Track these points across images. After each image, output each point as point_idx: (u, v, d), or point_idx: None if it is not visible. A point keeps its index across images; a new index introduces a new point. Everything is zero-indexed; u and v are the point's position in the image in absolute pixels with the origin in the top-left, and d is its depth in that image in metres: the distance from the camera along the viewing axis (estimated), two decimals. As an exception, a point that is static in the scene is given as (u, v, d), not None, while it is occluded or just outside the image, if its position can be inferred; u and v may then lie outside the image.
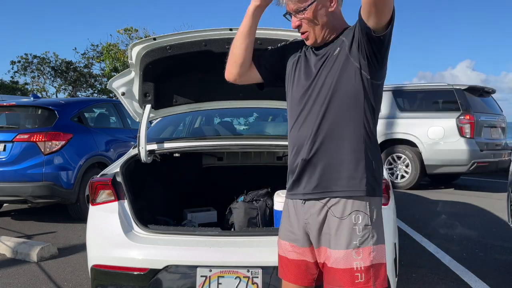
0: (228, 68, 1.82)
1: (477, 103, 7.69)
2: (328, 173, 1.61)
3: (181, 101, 2.90)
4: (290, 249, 1.75)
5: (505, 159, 7.77)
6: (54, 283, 3.45)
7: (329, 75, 1.59)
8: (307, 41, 1.67)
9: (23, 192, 5.04)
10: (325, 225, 1.64)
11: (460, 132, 7.21)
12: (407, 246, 4.28)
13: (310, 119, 1.61)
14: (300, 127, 1.64)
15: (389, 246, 2.23)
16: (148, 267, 2.18)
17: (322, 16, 1.60)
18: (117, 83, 2.76)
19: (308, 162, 1.62)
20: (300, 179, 1.67)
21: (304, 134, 1.63)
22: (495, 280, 3.40)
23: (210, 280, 2.10)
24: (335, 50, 1.61)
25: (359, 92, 1.58)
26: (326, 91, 1.59)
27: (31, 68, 25.60)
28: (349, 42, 1.57)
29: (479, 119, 7.40)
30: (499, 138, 8.00)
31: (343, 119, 1.58)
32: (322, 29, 1.62)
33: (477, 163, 7.19)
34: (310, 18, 1.60)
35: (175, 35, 2.47)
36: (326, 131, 1.59)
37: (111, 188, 2.43)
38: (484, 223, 5.35)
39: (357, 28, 1.54)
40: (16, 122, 5.53)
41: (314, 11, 1.59)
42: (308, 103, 1.63)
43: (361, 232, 1.58)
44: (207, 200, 3.58)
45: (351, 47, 1.56)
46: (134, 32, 20.19)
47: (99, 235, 2.38)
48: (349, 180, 1.59)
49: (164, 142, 2.92)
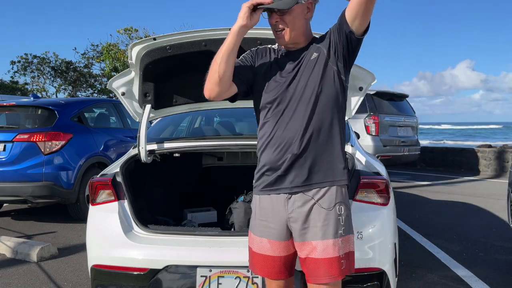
0: (209, 86, 1.82)
1: (385, 106, 8.91)
2: (317, 165, 1.75)
3: (181, 101, 2.90)
4: (268, 246, 1.80)
5: (408, 154, 9.14)
6: (54, 283, 3.45)
7: (311, 78, 1.73)
8: (279, 40, 1.78)
9: (23, 192, 5.04)
10: (310, 218, 1.74)
11: (367, 130, 8.37)
12: (407, 246, 4.28)
13: (297, 118, 1.73)
14: (286, 126, 1.74)
15: (389, 246, 2.23)
16: (148, 267, 2.18)
17: (299, 20, 1.74)
18: (117, 83, 2.76)
19: (298, 156, 1.73)
20: (287, 174, 1.75)
21: (291, 132, 1.73)
22: (495, 280, 3.40)
23: (210, 280, 2.10)
24: (311, 55, 1.76)
25: (338, 93, 1.76)
26: (310, 93, 1.73)
27: (31, 68, 25.56)
28: (327, 48, 1.74)
29: (383, 119, 8.57)
30: (407, 136, 9.20)
31: (328, 117, 1.75)
32: (296, 31, 1.75)
33: (380, 156, 8.13)
34: (290, 19, 1.72)
35: (175, 35, 2.47)
36: (313, 128, 1.73)
37: (111, 188, 2.43)
38: (484, 223, 5.35)
39: (334, 32, 1.73)
40: (16, 122, 5.53)
41: (294, 14, 1.72)
42: (291, 104, 1.75)
43: (343, 222, 1.74)
44: (207, 200, 3.58)
45: (329, 52, 1.74)
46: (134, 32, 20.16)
47: (99, 235, 2.38)
48: (336, 170, 1.76)
49: (164, 142, 2.92)
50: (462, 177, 9.90)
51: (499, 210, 5.96)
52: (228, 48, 1.76)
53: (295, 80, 1.76)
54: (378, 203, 2.24)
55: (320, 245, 1.70)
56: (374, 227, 2.17)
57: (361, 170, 2.32)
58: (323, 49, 1.74)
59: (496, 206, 6.29)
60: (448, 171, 11.10)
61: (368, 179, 2.27)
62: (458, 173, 10.57)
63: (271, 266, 1.81)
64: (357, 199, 2.23)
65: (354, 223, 2.13)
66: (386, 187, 2.28)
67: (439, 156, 11.90)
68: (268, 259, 1.81)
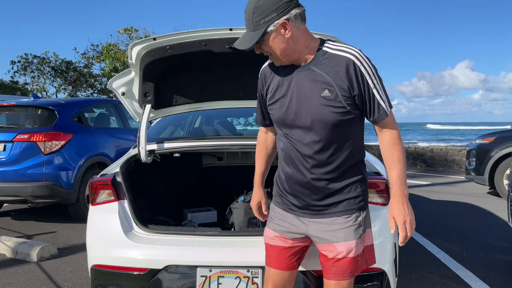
0: None
1: None
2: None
3: (181, 101, 2.90)
4: (278, 235, 1.86)
5: None
6: (54, 283, 3.45)
7: (319, 109, 1.63)
8: (276, 62, 1.70)
9: (23, 192, 5.04)
10: (331, 224, 1.76)
11: None
12: (407, 246, 4.28)
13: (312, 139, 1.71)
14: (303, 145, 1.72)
15: (389, 246, 2.23)
16: (148, 267, 2.17)
17: (280, 43, 1.61)
18: (117, 83, 2.76)
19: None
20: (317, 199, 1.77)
21: (312, 152, 1.70)
22: (495, 280, 3.40)
23: (210, 280, 2.09)
24: (322, 90, 1.62)
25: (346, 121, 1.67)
26: (318, 120, 1.65)
27: (31, 68, 25.53)
28: (341, 93, 1.60)
29: None
30: None
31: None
32: (284, 53, 1.63)
33: None
34: (268, 48, 1.63)
35: (175, 35, 2.47)
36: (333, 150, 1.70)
37: (111, 188, 2.43)
38: (484, 223, 5.35)
39: (361, 99, 1.62)
40: (16, 122, 5.53)
41: (270, 42, 1.61)
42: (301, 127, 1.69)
43: (363, 222, 1.78)
44: (207, 200, 3.58)
45: (341, 95, 1.61)
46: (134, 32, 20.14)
47: (99, 235, 2.38)
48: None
49: (164, 142, 2.92)
50: (462, 177, 9.89)
51: (499, 210, 5.96)
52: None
53: (304, 106, 1.67)
54: (378, 203, 2.24)
55: (343, 247, 1.73)
56: (374, 227, 2.16)
57: None
58: (337, 90, 1.61)
59: (496, 206, 6.29)
60: (448, 171, 11.11)
61: (368, 179, 2.26)
62: (458, 173, 10.57)
63: (280, 257, 1.86)
64: None
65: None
66: (386, 187, 2.28)
67: (439, 156, 11.91)
68: (279, 249, 1.86)
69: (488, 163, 6.78)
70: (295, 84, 1.68)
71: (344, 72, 1.59)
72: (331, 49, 1.65)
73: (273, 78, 1.76)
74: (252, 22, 1.58)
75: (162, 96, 2.82)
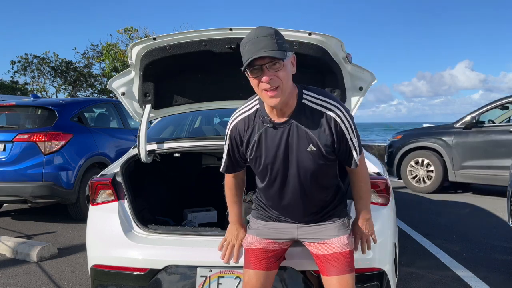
0: None
1: None
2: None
3: (181, 101, 2.90)
4: (261, 239, 1.96)
5: None
6: (54, 283, 3.45)
7: (304, 161, 1.75)
8: (272, 99, 1.61)
9: (23, 192, 5.04)
10: (321, 227, 1.92)
11: None
12: (407, 246, 4.28)
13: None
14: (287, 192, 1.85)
15: (389, 246, 2.23)
16: (148, 267, 2.17)
17: (288, 73, 1.62)
18: (117, 83, 2.76)
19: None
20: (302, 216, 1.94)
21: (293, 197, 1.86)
22: (495, 280, 3.40)
23: (210, 280, 2.09)
24: (307, 145, 1.71)
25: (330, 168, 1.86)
26: (307, 170, 1.78)
27: (31, 68, 25.55)
28: (323, 147, 1.72)
29: None
30: None
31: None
32: (286, 88, 1.62)
33: None
34: (284, 74, 1.59)
35: (175, 35, 2.47)
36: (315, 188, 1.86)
37: (111, 188, 2.42)
38: (484, 223, 5.35)
39: (338, 152, 1.77)
40: (16, 122, 5.53)
41: (285, 66, 1.59)
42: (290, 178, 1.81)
43: (348, 225, 1.97)
44: (207, 200, 3.58)
45: (323, 149, 1.72)
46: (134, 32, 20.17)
47: (99, 235, 2.38)
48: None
49: (164, 142, 2.92)
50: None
51: (499, 210, 5.96)
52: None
53: (293, 157, 1.77)
54: (378, 203, 2.24)
55: (337, 241, 1.86)
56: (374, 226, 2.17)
57: None
58: (320, 146, 1.71)
59: (496, 206, 6.29)
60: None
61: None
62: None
63: (260, 257, 1.92)
64: None
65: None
66: (386, 187, 2.28)
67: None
68: (260, 251, 1.93)
69: (396, 157, 7.85)
70: (280, 140, 1.73)
71: (328, 129, 1.70)
72: (312, 102, 1.71)
73: (251, 132, 1.78)
74: (276, 42, 1.56)
75: (162, 96, 2.82)
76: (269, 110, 1.73)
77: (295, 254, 2.03)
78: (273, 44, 1.55)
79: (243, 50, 1.59)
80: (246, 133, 1.78)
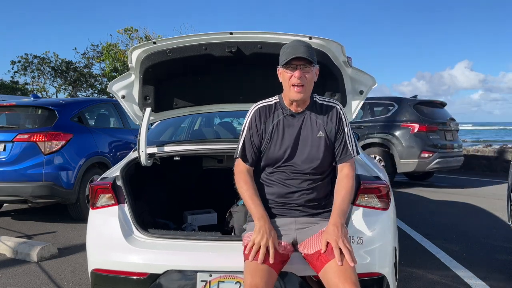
0: None
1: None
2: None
3: (181, 104, 2.89)
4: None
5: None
6: (54, 283, 3.46)
7: (314, 146, 2.06)
8: (296, 94, 1.99)
9: (23, 192, 5.04)
10: (315, 223, 2.07)
11: None
12: (407, 246, 4.29)
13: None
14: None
15: (390, 250, 2.22)
16: (148, 272, 2.17)
17: (313, 78, 2.03)
18: (117, 86, 2.76)
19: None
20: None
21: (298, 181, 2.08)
22: (495, 280, 3.40)
23: (210, 285, 2.09)
24: (317, 131, 2.07)
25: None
26: (314, 155, 2.07)
27: (31, 68, 25.49)
28: (329, 135, 2.08)
29: None
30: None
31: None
32: (309, 89, 2.02)
33: None
34: (310, 77, 1.99)
35: (175, 39, 2.46)
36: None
37: (111, 192, 2.42)
38: (484, 223, 5.35)
39: (336, 141, 2.10)
40: (16, 122, 5.53)
41: (312, 73, 2.01)
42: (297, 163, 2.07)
43: None
44: (207, 202, 3.58)
45: (329, 137, 2.08)
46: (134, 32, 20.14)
47: (99, 239, 2.38)
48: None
49: (164, 145, 2.91)
50: (462, 177, 9.91)
51: (499, 210, 5.96)
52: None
53: (302, 143, 2.08)
54: (378, 208, 2.23)
55: (331, 226, 1.89)
56: (374, 231, 2.16)
57: (361, 175, 2.29)
58: (327, 132, 2.07)
59: (496, 206, 6.30)
60: (447, 172, 11.10)
61: (368, 183, 2.25)
62: (458, 173, 10.57)
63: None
64: (357, 203, 2.21)
65: (354, 227, 2.14)
66: (387, 192, 2.27)
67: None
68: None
69: None
70: (296, 126, 2.08)
71: (333, 118, 2.10)
72: (321, 100, 2.14)
73: (271, 118, 2.10)
74: (310, 52, 1.97)
75: (162, 99, 2.82)
76: (288, 104, 2.08)
77: (296, 260, 2.03)
78: (309, 52, 1.97)
79: (283, 52, 1.99)
80: (266, 118, 2.10)
